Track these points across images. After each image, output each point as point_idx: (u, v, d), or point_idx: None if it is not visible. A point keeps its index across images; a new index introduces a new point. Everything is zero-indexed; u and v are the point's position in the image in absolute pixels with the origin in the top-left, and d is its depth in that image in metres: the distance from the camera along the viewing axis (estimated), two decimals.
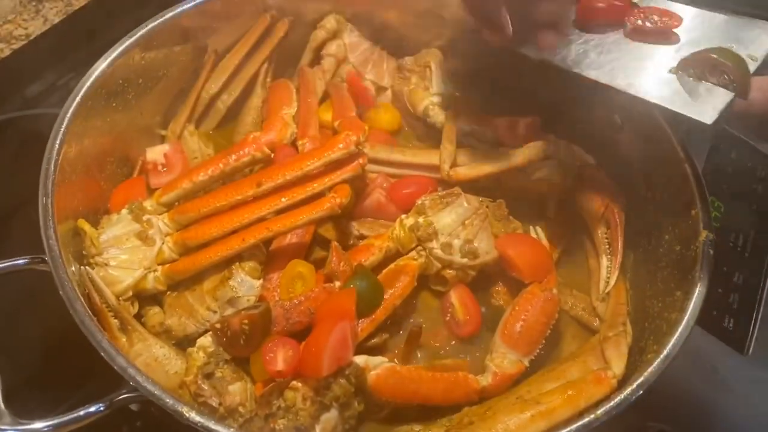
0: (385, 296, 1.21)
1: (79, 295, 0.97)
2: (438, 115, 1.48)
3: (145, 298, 1.21)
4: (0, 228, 1.43)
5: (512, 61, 1.55)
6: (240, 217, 1.21)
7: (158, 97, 1.45)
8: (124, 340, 1.14)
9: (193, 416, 0.88)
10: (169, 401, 0.89)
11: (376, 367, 1.12)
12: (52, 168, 1.09)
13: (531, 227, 1.38)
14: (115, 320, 1.14)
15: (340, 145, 1.24)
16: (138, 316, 1.20)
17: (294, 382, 1.07)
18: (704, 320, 1.46)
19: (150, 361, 1.14)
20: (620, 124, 1.42)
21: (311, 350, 1.07)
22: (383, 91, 1.61)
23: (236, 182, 1.25)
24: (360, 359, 1.11)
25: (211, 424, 0.88)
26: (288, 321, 1.14)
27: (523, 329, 1.19)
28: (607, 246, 1.35)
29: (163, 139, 1.48)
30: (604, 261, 1.34)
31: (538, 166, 1.36)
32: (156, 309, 1.21)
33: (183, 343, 1.19)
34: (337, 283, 1.20)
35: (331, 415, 1.08)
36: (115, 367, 0.90)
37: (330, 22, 1.56)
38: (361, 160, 1.27)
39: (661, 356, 1.04)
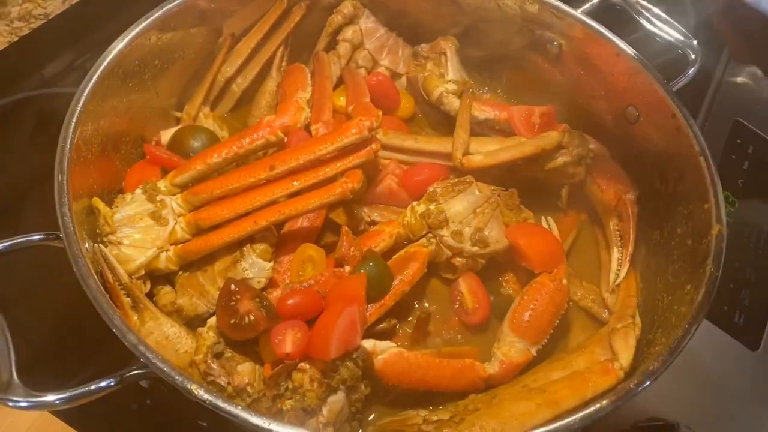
0: (395, 282, 1.21)
1: (92, 272, 0.99)
2: (452, 103, 1.47)
3: (157, 277, 1.22)
4: (17, 205, 1.45)
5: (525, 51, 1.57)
6: (252, 200, 1.21)
7: (174, 79, 1.46)
8: (136, 318, 1.15)
9: (202, 394, 0.89)
10: (179, 378, 0.90)
11: (383, 351, 1.13)
12: (68, 146, 1.10)
13: (543, 217, 1.38)
14: (128, 298, 1.15)
15: (353, 131, 1.24)
16: (150, 295, 1.21)
17: (302, 364, 1.08)
18: (714, 315, 1.47)
19: (161, 339, 1.15)
20: (636, 115, 1.41)
21: (319, 333, 1.07)
22: (398, 78, 1.61)
23: (249, 165, 1.25)
24: (368, 343, 1.12)
25: (219, 402, 0.89)
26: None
27: (531, 318, 1.20)
28: (619, 238, 1.35)
29: (178, 121, 1.49)
30: (615, 253, 1.34)
31: (552, 156, 1.36)
32: (168, 288, 1.23)
33: (194, 323, 1.20)
34: (347, 268, 1.21)
35: (338, 398, 1.09)
36: (126, 344, 0.92)
37: (347, 7, 1.56)
38: (373, 146, 1.28)
39: (669, 349, 1.03)
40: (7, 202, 1.46)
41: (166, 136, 1.41)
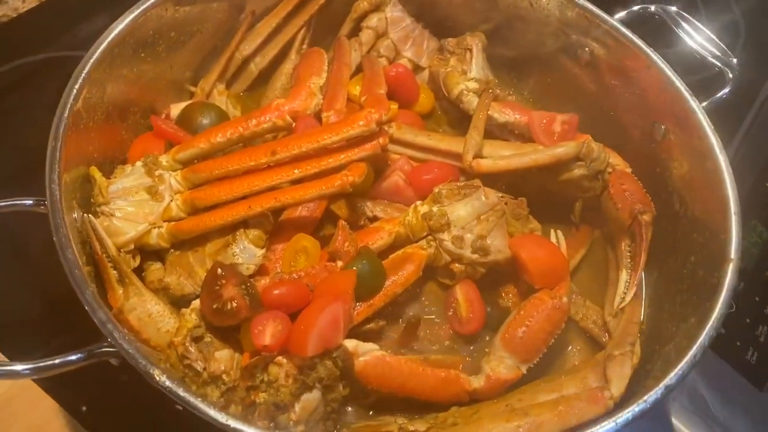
0: (387, 283, 1.18)
1: (72, 243, 0.97)
2: (471, 102, 1.42)
3: (148, 253, 1.20)
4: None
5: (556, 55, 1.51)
6: (250, 184, 1.18)
7: (190, 53, 1.43)
8: (121, 291, 1.13)
9: (164, 380, 0.87)
10: (142, 362, 0.88)
11: (365, 353, 1.09)
12: (67, 113, 1.08)
13: (552, 230, 1.31)
14: (114, 271, 1.13)
15: (361, 123, 1.20)
16: (139, 270, 1.19)
17: (279, 358, 1.05)
18: (726, 350, 1.40)
19: (143, 316, 1.13)
20: (663, 132, 1.34)
21: (299, 328, 1.04)
22: (420, 71, 1.56)
23: (251, 148, 1.23)
24: (350, 343, 1.09)
25: (180, 391, 0.87)
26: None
27: (525, 335, 1.15)
28: (629, 260, 1.29)
29: (191, 96, 1.47)
30: (624, 275, 1.28)
31: (567, 167, 1.30)
32: (157, 265, 1.21)
33: (180, 303, 1.18)
34: (340, 263, 1.17)
35: (313, 396, 1.05)
36: (95, 320, 0.90)
37: None
38: (381, 140, 1.23)
39: (661, 386, 0.98)
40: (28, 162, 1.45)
41: (176, 110, 1.38)
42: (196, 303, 1.13)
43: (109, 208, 1.16)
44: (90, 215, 1.11)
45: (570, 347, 1.27)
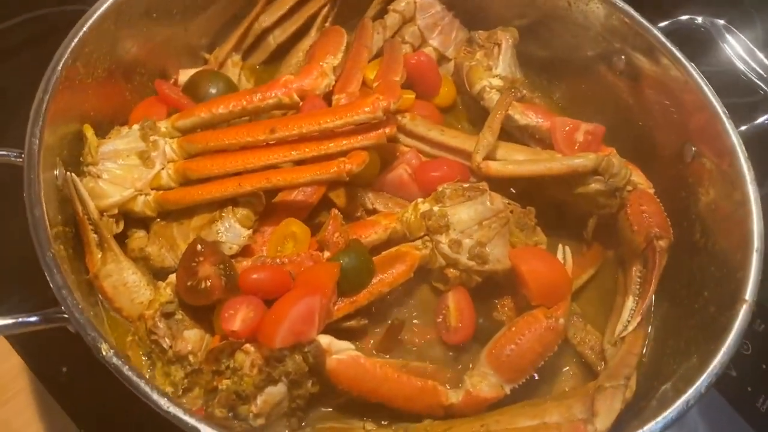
0: (374, 280, 1.11)
1: (43, 201, 0.93)
2: (492, 99, 1.34)
3: (134, 220, 1.17)
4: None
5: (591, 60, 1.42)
6: (245, 161, 1.13)
7: (208, 20, 1.39)
8: (100, 256, 1.10)
9: (110, 356, 0.82)
10: (91, 334, 0.84)
11: (339, 352, 1.03)
12: (60, 66, 1.04)
13: (560, 245, 1.23)
14: (95, 235, 1.10)
15: (367, 109, 1.14)
16: (123, 236, 1.16)
17: (247, 346, 1.00)
18: (734, 393, 1.30)
19: (118, 284, 1.10)
20: (692, 154, 1.25)
21: (270, 317, 0.99)
22: (445, 62, 1.49)
23: (250, 123, 1.18)
24: (324, 339, 1.03)
25: (125, 369, 0.82)
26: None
27: (512, 353, 1.07)
28: (638, 286, 1.20)
29: (205, 63, 1.42)
30: (630, 302, 1.19)
31: (584, 180, 1.21)
32: (141, 233, 1.17)
33: (160, 275, 1.14)
34: (327, 254, 1.12)
35: (277, 390, 1.00)
36: (51, 283, 0.86)
37: None
38: (387, 130, 1.17)
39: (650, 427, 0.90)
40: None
41: (184, 76, 1.34)
42: (173, 278, 1.09)
43: (97, 169, 1.12)
44: (72, 174, 1.07)
45: (563, 371, 1.19)
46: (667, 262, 1.19)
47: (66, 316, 0.87)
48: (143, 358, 1.06)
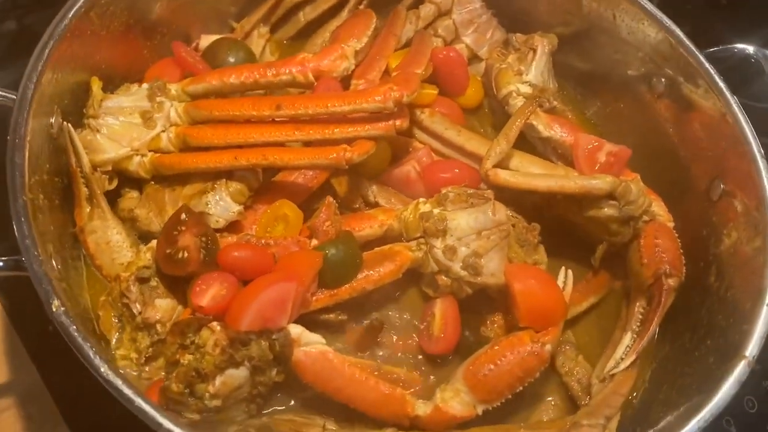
0: (359, 276, 1.07)
1: (27, 148, 0.91)
2: (517, 106, 1.27)
3: (129, 180, 1.15)
4: None
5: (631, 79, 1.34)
6: (246, 134, 1.10)
7: None
8: (88, 210, 1.09)
9: (59, 313, 0.80)
10: (45, 288, 0.82)
11: (308, 344, 0.99)
12: (71, 14, 1.03)
13: (563, 268, 1.16)
14: (86, 189, 1.08)
15: (378, 97, 1.10)
16: (117, 195, 1.14)
17: (214, 324, 0.97)
18: None
19: (101, 242, 1.09)
20: (721, 192, 1.16)
21: (240, 298, 0.96)
22: (477, 62, 1.42)
23: (257, 97, 1.14)
24: (295, 330, 0.99)
25: (71, 329, 0.80)
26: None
27: (490, 373, 1.02)
28: (638, 324, 1.12)
29: (231, 32, 1.39)
30: (627, 338, 1.12)
31: (597, 203, 1.14)
32: (134, 194, 1.15)
33: (145, 239, 1.12)
34: (314, 242, 1.08)
35: (239, 373, 0.97)
36: (16, 232, 0.84)
37: None
38: (398, 122, 1.13)
39: None
40: None
41: (206, 41, 1.32)
42: (155, 243, 1.07)
43: (97, 122, 1.10)
44: (69, 124, 1.05)
45: (545, 400, 1.13)
46: (677, 302, 1.12)
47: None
48: (114, 320, 1.04)
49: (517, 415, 1.09)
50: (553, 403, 1.12)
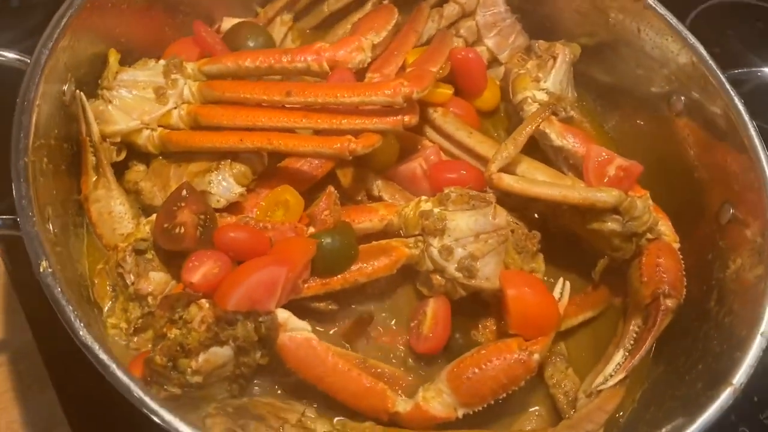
0: (353, 267, 1.07)
1: (35, 110, 0.93)
2: (531, 113, 1.26)
3: (138, 154, 1.16)
4: None
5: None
6: (254, 118, 1.11)
7: None
8: (94, 179, 1.11)
9: (46, 274, 0.82)
10: (36, 248, 0.83)
11: (294, 329, 1.00)
12: None
13: (561, 279, 1.15)
14: (93, 158, 1.10)
15: (387, 91, 1.10)
16: (124, 167, 1.16)
17: (202, 301, 0.98)
18: None
19: (104, 211, 1.11)
20: (729, 216, 1.14)
21: (230, 279, 0.97)
22: (497, 65, 1.42)
23: (268, 82, 1.15)
24: (283, 314, 1.00)
25: (55, 291, 0.81)
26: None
27: (474, 378, 1.01)
28: (632, 343, 1.11)
29: (255, 16, 1.40)
30: (618, 356, 1.10)
31: (600, 216, 1.12)
32: (141, 168, 1.17)
33: (147, 212, 1.13)
34: (311, 229, 1.08)
35: (223, 352, 0.97)
36: (14, 192, 0.86)
37: None
38: (406, 118, 1.12)
39: None
40: None
41: (227, 24, 1.33)
42: (155, 217, 1.08)
43: (110, 94, 1.12)
44: (81, 92, 1.07)
45: (530, 410, 1.12)
46: (676, 324, 1.10)
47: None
48: (108, 288, 1.06)
49: (500, 422, 1.08)
50: (537, 413, 1.11)
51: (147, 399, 0.79)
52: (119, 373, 0.79)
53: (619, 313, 1.22)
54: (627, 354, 1.10)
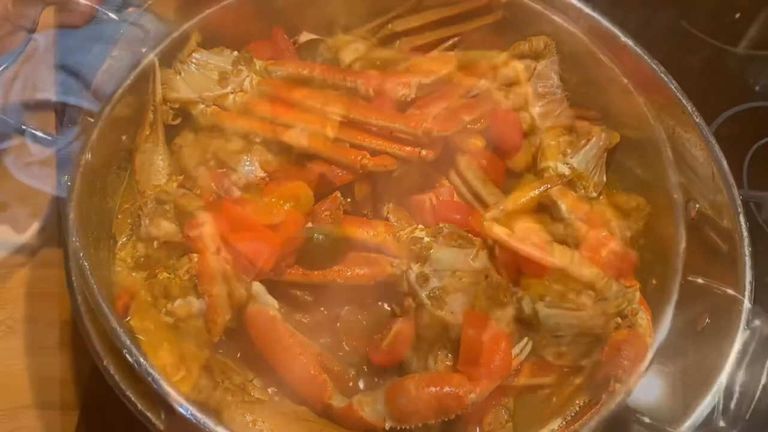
0: (335, 267, 1.17)
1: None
2: None
3: (191, 125, 1.32)
4: None
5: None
6: (292, 117, 1.25)
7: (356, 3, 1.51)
8: (147, 133, 1.27)
9: (63, 186, 0.96)
10: (63, 164, 0.99)
11: (262, 303, 1.10)
12: None
13: (526, 338, 1.19)
14: (152, 115, 1.27)
15: (411, 123, 1.20)
16: (176, 133, 1.32)
17: (194, 255, 1.11)
18: None
19: (146, 162, 1.27)
20: (706, 324, 1.15)
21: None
22: (537, 133, 1.49)
23: (311, 89, 1.28)
24: (257, 287, 1.11)
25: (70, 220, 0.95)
26: None
27: (408, 396, 1.07)
28: (572, 416, 1.13)
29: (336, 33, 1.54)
30: (554, 423, 1.13)
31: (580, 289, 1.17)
32: (190, 136, 1.32)
33: (183, 173, 1.28)
34: (310, 224, 1.19)
35: (198, 304, 1.09)
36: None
37: (538, 42, 1.47)
38: (424, 152, 1.23)
39: None
40: None
41: (305, 38, 1.48)
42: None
43: (182, 67, 1.30)
44: (156, 59, 1.25)
45: None
46: None
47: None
48: (129, 224, 1.21)
49: None
50: None
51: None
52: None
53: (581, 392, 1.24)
54: (563, 424, 1.12)
